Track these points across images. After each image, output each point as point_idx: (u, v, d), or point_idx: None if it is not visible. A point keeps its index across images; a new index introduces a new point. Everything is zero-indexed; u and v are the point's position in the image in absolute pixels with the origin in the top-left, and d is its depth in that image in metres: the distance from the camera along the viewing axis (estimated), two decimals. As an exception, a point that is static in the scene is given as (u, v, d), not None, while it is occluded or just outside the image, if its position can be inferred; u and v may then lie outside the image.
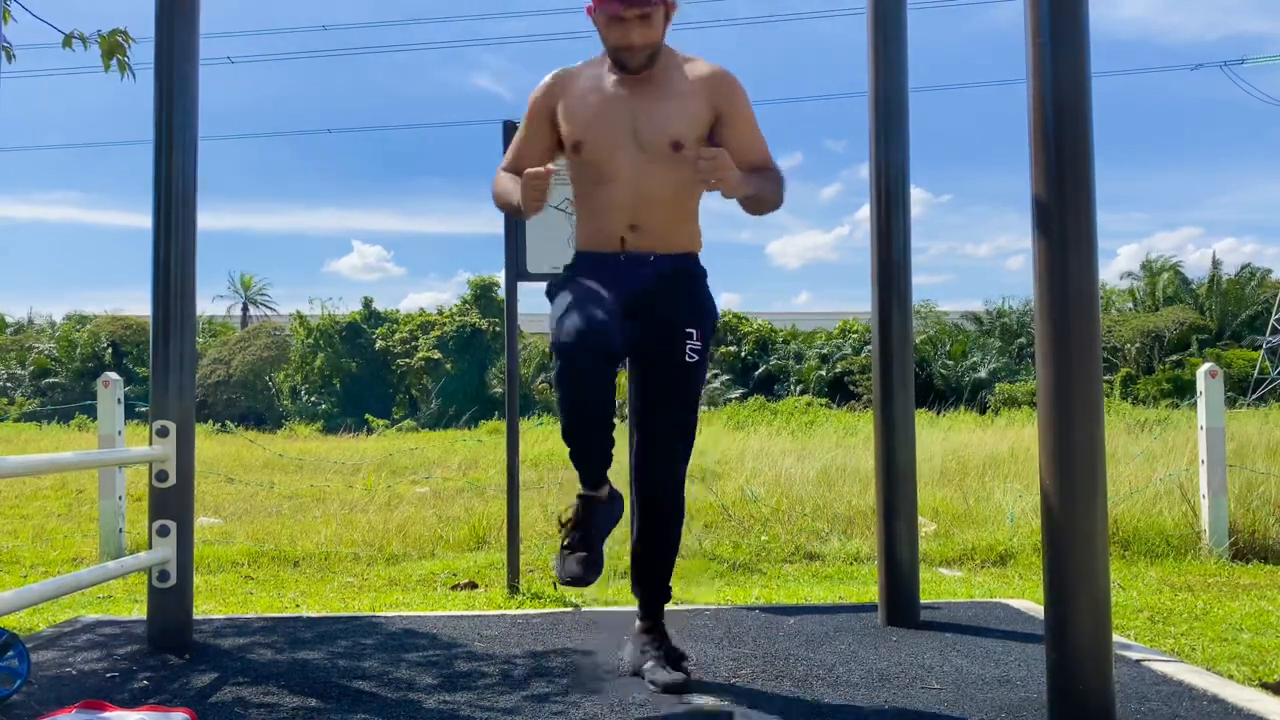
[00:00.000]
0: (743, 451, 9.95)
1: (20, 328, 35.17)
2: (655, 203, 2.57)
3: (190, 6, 3.08)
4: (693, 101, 2.57)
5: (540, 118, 2.67)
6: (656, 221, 2.58)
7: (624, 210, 2.57)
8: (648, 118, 2.55)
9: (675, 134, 2.54)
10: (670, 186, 2.57)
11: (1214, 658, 3.12)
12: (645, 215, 2.57)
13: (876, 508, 3.35)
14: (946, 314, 31.02)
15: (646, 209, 2.57)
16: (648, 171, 2.55)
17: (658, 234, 2.59)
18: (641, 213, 2.57)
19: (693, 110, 2.56)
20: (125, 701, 2.44)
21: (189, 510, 3.11)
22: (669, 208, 2.59)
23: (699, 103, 2.57)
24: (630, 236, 2.58)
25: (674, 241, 2.63)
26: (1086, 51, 2.22)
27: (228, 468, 10.35)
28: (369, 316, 29.01)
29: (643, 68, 2.55)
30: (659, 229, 2.59)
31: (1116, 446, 8.28)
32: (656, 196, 2.57)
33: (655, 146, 2.54)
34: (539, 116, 2.67)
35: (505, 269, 4.32)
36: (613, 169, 2.56)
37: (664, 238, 2.61)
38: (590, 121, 2.58)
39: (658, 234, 2.59)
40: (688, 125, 2.55)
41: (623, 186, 2.56)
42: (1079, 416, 2.18)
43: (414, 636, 3.18)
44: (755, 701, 2.45)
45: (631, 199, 2.56)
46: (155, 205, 3.08)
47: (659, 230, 2.59)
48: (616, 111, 2.56)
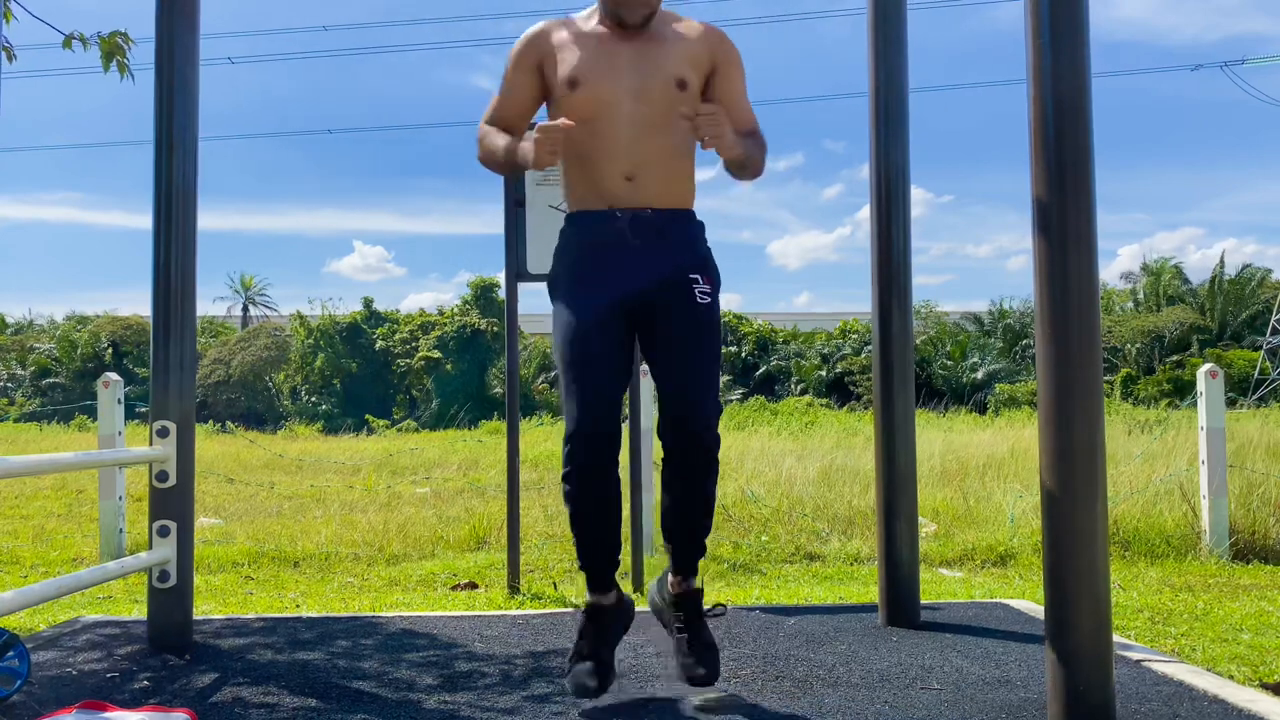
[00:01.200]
0: (743, 452, 9.95)
1: (20, 328, 35.18)
2: (655, 149, 2.45)
3: (190, 7, 3.08)
4: (693, 47, 2.49)
5: (524, 66, 2.53)
6: (655, 171, 2.45)
7: (620, 159, 2.43)
8: (650, 58, 2.45)
9: (679, 73, 2.44)
10: (670, 133, 2.44)
11: (1214, 658, 3.12)
12: (643, 164, 2.44)
13: (877, 508, 3.35)
14: (947, 314, 31.03)
15: (645, 157, 2.44)
16: (647, 114, 2.43)
17: (655, 185, 2.46)
18: (639, 162, 2.43)
19: (694, 53, 2.48)
20: (125, 702, 2.44)
21: (189, 511, 3.11)
22: (668, 154, 2.47)
23: (699, 50, 2.49)
24: (626, 189, 2.44)
25: (671, 193, 2.50)
26: (1086, 52, 2.22)
27: (228, 468, 10.35)
28: (369, 317, 29.00)
29: (640, 25, 2.45)
30: (657, 180, 2.46)
31: (1117, 447, 8.28)
32: (656, 142, 2.44)
33: (658, 86, 2.43)
34: (524, 64, 2.53)
35: (505, 269, 4.32)
36: (610, 113, 2.42)
37: (662, 190, 2.47)
38: (587, 61, 2.44)
39: (655, 185, 2.46)
40: (690, 65, 2.47)
41: (622, 131, 2.42)
42: (1079, 417, 2.18)
43: (414, 637, 3.18)
44: (755, 702, 2.45)
45: (629, 146, 2.43)
46: (155, 206, 3.08)
47: (657, 181, 2.46)
48: (615, 54, 2.45)
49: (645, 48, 2.46)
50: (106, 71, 3.65)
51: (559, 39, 2.50)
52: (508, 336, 4.46)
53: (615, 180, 2.44)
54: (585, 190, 2.49)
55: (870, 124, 3.31)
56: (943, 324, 29.62)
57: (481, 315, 27.47)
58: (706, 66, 2.50)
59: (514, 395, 4.39)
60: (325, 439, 19.16)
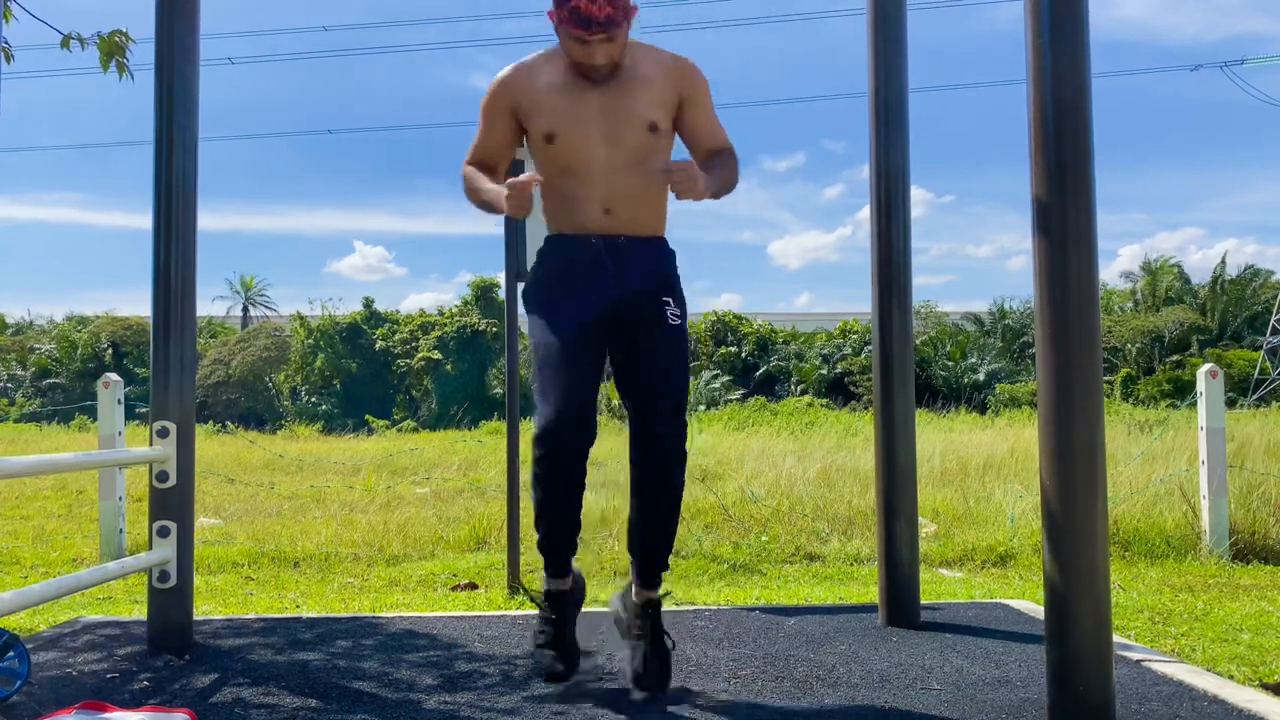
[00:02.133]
0: (743, 452, 9.96)
1: (20, 328, 35.18)
2: (629, 186, 2.58)
3: (190, 7, 3.08)
4: (659, 87, 2.60)
5: (499, 111, 2.65)
6: (629, 204, 2.60)
7: (597, 198, 2.58)
8: (619, 106, 2.56)
9: (650, 117, 2.57)
10: (642, 172, 2.58)
11: (1214, 658, 3.12)
12: (618, 201, 2.58)
13: (877, 508, 3.35)
14: (947, 315, 31.03)
15: (620, 195, 2.58)
16: (621, 157, 2.56)
17: (629, 216, 2.60)
18: (615, 199, 2.58)
19: (661, 94, 2.60)
20: (126, 702, 2.44)
21: (189, 511, 3.11)
22: (641, 190, 2.60)
23: (665, 87, 2.61)
24: (603, 220, 2.59)
25: (644, 223, 2.64)
26: (1086, 52, 2.22)
27: (228, 468, 10.35)
28: (369, 317, 29.01)
29: (607, 77, 2.57)
30: (631, 211, 2.60)
31: (1117, 447, 8.28)
32: (630, 180, 2.58)
33: (630, 132, 2.56)
34: (497, 110, 2.66)
35: (505, 270, 4.32)
36: (586, 158, 2.56)
37: (636, 221, 2.62)
38: (561, 113, 2.57)
39: (629, 216, 2.60)
40: (659, 107, 2.59)
41: (596, 175, 2.57)
42: (1079, 417, 2.18)
43: (414, 637, 3.18)
44: (755, 702, 2.45)
45: (605, 187, 2.57)
46: (155, 206, 3.08)
47: (631, 213, 2.60)
48: (587, 102, 2.56)
49: (615, 94, 2.57)
50: (106, 71, 3.65)
51: (530, 86, 2.61)
52: (508, 336, 4.46)
53: (594, 214, 2.59)
54: (564, 220, 2.64)
55: (870, 124, 3.31)
56: (943, 324, 29.63)
57: (481, 315, 27.47)
58: (674, 102, 2.63)
59: (514, 395, 4.39)
60: (325, 439, 19.16)
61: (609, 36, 2.46)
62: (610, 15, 2.42)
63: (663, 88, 2.61)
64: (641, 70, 2.60)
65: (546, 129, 2.58)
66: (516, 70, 2.65)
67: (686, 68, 2.65)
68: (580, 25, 2.43)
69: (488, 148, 2.71)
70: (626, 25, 2.50)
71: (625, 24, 2.48)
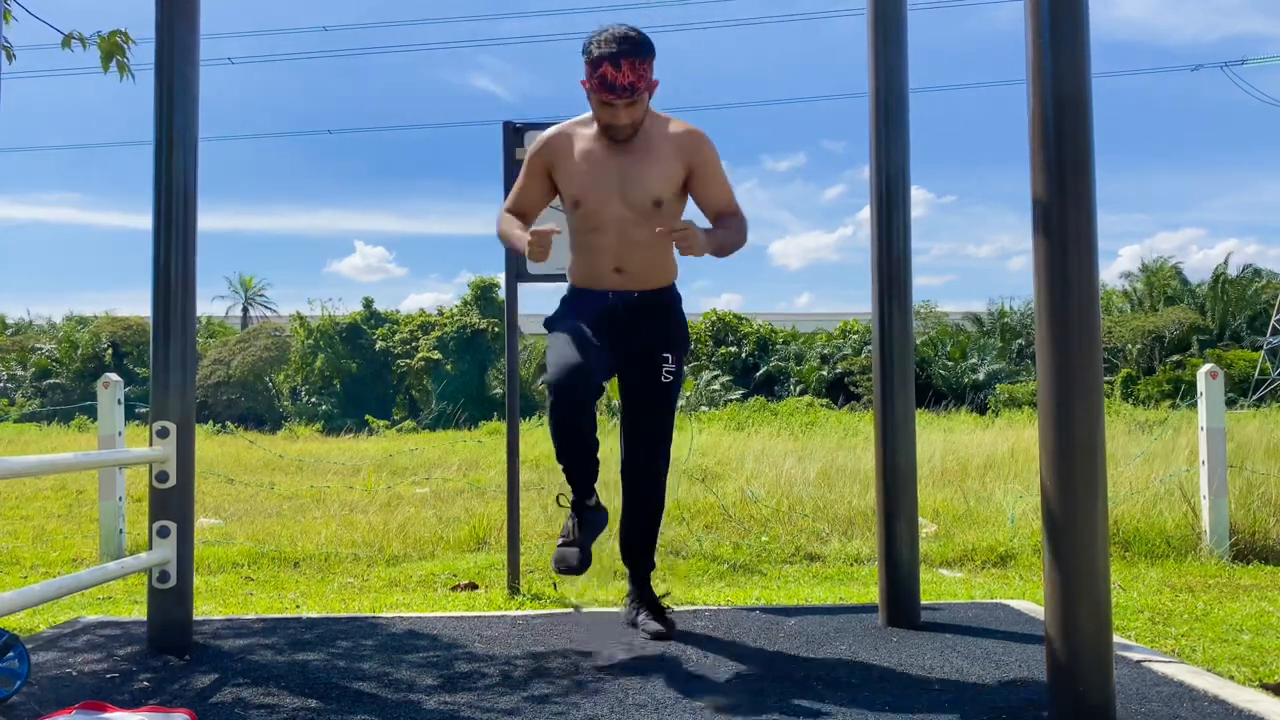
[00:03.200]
0: (743, 452, 9.96)
1: (20, 328, 35.18)
2: (638, 249, 3.03)
3: (190, 7, 3.08)
4: (669, 163, 3.01)
5: (537, 171, 3.12)
6: (638, 264, 3.05)
7: (611, 255, 3.04)
8: (633, 180, 2.99)
9: (656, 194, 3.00)
10: (650, 236, 2.97)
11: (1214, 658, 3.12)
12: (629, 259, 3.04)
13: (877, 508, 3.35)
14: (947, 315, 31.04)
15: (630, 254, 3.03)
16: (632, 224, 3.01)
17: (639, 274, 3.06)
18: (626, 258, 3.03)
19: (669, 172, 3.01)
20: (125, 702, 2.44)
21: (189, 511, 3.11)
22: (649, 253, 3.04)
23: (675, 163, 3.02)
24: (616, 277, 3.05)
25: (653, 279, 3.10)
26: (1086, 51, 2.22)
27: (228, 468, 10.35)
28: (369, 317, 29.00)
29: (629, 139, 2.99)
30: (641, 270, 3.06)
31: (1117, 447, 8.28)
32: (639, 244, 3.02)
33: (639, 205, 3.00)
34: (536, 170, 3.12)
35: (505, 270, 4.32)
36: (603, 221, 3.02)
37: (645, 277, 3.08)
38: (585, 182, 3.02)
39: (639, 274, 3.06)
40: (665, 185, 3.01)
41: (611, 236, 3.02)
42: (1079, 417, 2.17)
43: (414, 637, 3.18)
44: (755, 702, 2.45)
45: (618, 246, 3.03)
46: (155, 206, 3.08)
47: (640, 271, 3.06)
48: (607, 173, 3.01)
49: (632, 164, 3.00)
50: (106, 71, 3.65)
51: (565, 152, 3.07)
52: (508, 337, 4.46)
53: (607, 271, 3.07)
54: (584, 274, 3.12)
55: (870, 124, 3.31)
56: (943, 324, 29.63)
57: (481, 315, 27.47)
58: (683, 175, 3.05)
59: (514, 395, 4.39)
60: (325, 439, 19.17)
61: (632, 101, 2.90)
62: (633, 83, 2.86)
63: (672, 165, 3.01)
64: (655, 143, 3.02)
65: (574, 195, 3.05)
66: (558, 134, 3.09)
67: (696, 141, 3.04)
68: (608, 90, 2.87)
69: (523, 199, 3.17)
70: (647, 94, 2.94)
71: (646, 92, 2.93)
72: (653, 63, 2.91)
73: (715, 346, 27.67)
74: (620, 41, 2.85)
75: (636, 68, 2.86)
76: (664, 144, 3.02)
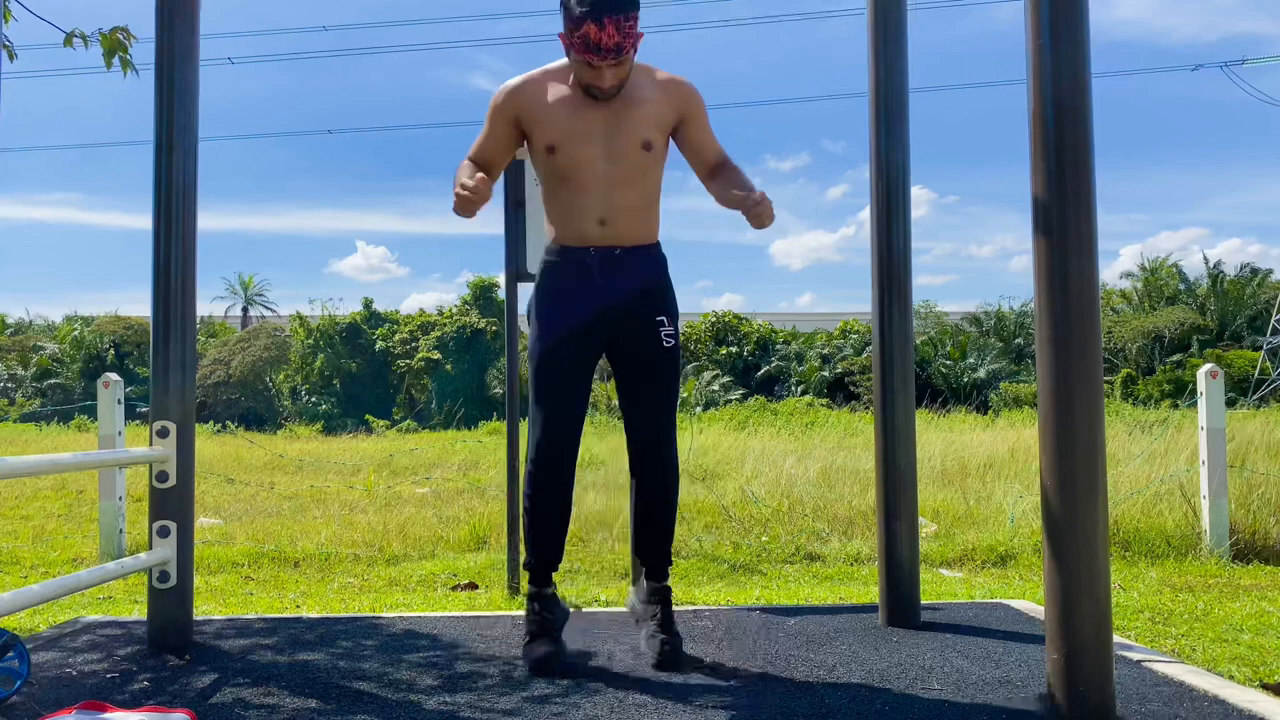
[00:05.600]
0: (743, 452, 9.95)
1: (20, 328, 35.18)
2: (624, 200, 2.78)
3: (190, 7, 3.08)
4: (658, 105, 2.79)
5: (502, 118, 2.83)
6: (624, 217, 2.79)
7: (595, 208, 2.77)
8: (619, 122, 2.75)
9: (645, 136, 2.77)
10: (638, 185, 2.78)
11: (1215, 658, 3.12)
12: (614, 212, 2.77)
13: (877, 508, 3.35)
14: (947, 315, 31.04)
15: (616, 206, 2.77)
16: (618, 172, 2.76)
17: (625, 228, 2.80)
18: (611, 210, 2.77)
19: (658, 113, 2.79)
20: (125, 702, 2.44)
21: (189, 511, 3.11)
22: (636, 204, 2.80)
23: (664, 106, 2.80)
24: (599, 231, 2.78)
25: (639, 234, 2.83)
26: (1086, 52, 2.22)
27: (228, 468, 10.35)
28: (369, 317, 29.00)
29: (612, 97, 2.73)
30: (626, 223, 2.80)
31: (1117, 447, 8.28)
32: (625, 194, 2.77)
33: (627, 148, 2.75)
34: (501, 117, 2.83)
35: (505, 269, 4.32)
36: (586, 170, 2.75)
37: (630, 231, 2.81)
38: (563, 126, 2.75)
39: (625, 228, 2.80)
40: (655, 127, 2.79)
41: (595, 186, 2.76)
42: (1079, 417, 2.17)
43: (414, 637, 3.17)
44: (756, 702, 2.45)
45: (603, 198, 2.76)
46: (155, 206, 3.08)
47: (626, 224, 2.80)
48: (589, 117, 2.75)
49: (615, 111, 2.75)
50: (109, 68, 3.65)
51: (536, 98, 2.79)
52: (508, 336, 4.46)
53: (590, 224, 2.79)
54: (563, 231, 2.84)
55: (870, 124, 3.31)
56: (943, 324, 29.63)
57: (481, 315, 27.47)
58: (672, 120, 2.83)
59: (514, 395, 4.39)
60: (325, 439, 19.15)
61: (617, 62, 2.65)
62: (619, 43, 2.61)
63: (661, 107, 2.79)
64: (640, 90, 2.78)
65: (548, 141, 2.76)
66: (525, 81, 2.82)
67: (684, 88, 2.84)
68: (591, 51, 2.61)
69: (486, 149, 2.88)
70: (633, 52, 2.68)
71: (632, 51, 2.67)
72: (637, 18, 2.64)
73: (715, 347, 27.65)
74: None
75: (622, 26, 2.58)
76: (651, 88, 2.79)
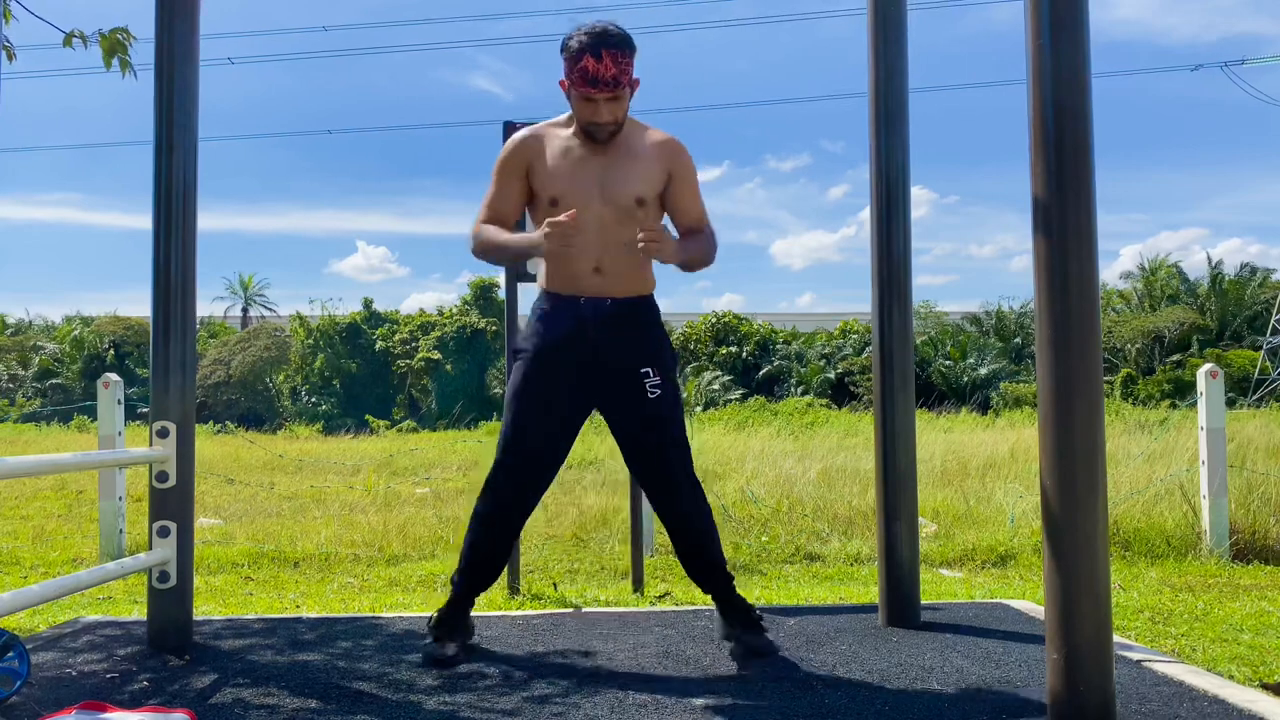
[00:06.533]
0: (743, 452, 9.96)
1: (20, 328, 35.18)
2: (617, 250, 2.88)
3: (190, 7, 3.08)
4: (651, 164, 2.92)
5: (513, 173, 2.97)
6: (618, 266, 2.90)
7: (589, 257, 2.88)
8: (614, 177, 2.89)
9: (638, 192, 2.89)
10: (631, 237, 2.85)
11: (1215, 658, 3.12)
12: (607, 261, 2.89)
13: (877, 508, 3.35)
14: (947, 315, 31.04)
15: (609, 255, 2.89)
16: (612, 223, 2.88)
17: (617, 277, 2.91)
18: (604, 259, 2.89)
19: (651, 171, 2.92)
20: (125, 702, 2.44)
21: (189, 511, 3.11)
22: (629, 254, 2.87)
23: (656, 165, 2.93)
24: (593, 279, 2.90)
25: (630, 285, 2.94)
26: (1086, 52, 2.21)
27: (228, 469, 10.36)
28: (369, 317, 29.00)
29: (609, 138, 2.88)
30: (618, 273, 2.91)
31: (1117, 447, 8.28)
32: (618, 245, 2.88)
33: (620, 203, 2.88)
34: (512, 172, 2.97)
35: (505, 270, 4.32)
36: (582, 221, 2.82)
37: (622, 282, 2.92)
38: (564, 179, 2.89)
39: (617, 277, 2.91)
40: (647, 184, 2.91)
41: (590, 236, 2.86)
42: (1079, 417, 2.17)
43: (414, 637, 3.17)
44: (756, 702, 2.45)
45: (597, 247, 2.87)
46: (155, 206, 3.08)
47: (618, 274, 2.91)
48: (587, 171, 2.89)
49: (612, 163, 2.90)
50: (109, 69, 3.65)
51: (540, 150, 2.94)
52: (507, 337, 4.45)
53: (585, 272, 2.90)
54: (559, 277, 2.94)
55: (870, 124, 3.31)
56: (943, 324, 29.63)
57: (481, 315, 27.47)
58: (663, 180, 2.95)
59: (514, 395, 4.38)
60: (325, 439, 19.16)
61: (614, 95, 2.79)
62: (615, 76, 2.76)
63: (652, 165, 2.92)
64: (636, 146, 2.93)
65: (552, 194, 2.90)
66: (532, 134, 2.97)
67: (676, 148, 2.97)
68: (589, 84, 2.76)
69: (500, 206, 2.99)
70: (629, 90, 2.84)
71: (628, 88, 2.83)
72: (634, 60, 2.82)
73: (715, 347, 27.66)
74: (601, 35, 2.78)
75: (619, 60, 2.76)
76: (645, 146, 2.94)
